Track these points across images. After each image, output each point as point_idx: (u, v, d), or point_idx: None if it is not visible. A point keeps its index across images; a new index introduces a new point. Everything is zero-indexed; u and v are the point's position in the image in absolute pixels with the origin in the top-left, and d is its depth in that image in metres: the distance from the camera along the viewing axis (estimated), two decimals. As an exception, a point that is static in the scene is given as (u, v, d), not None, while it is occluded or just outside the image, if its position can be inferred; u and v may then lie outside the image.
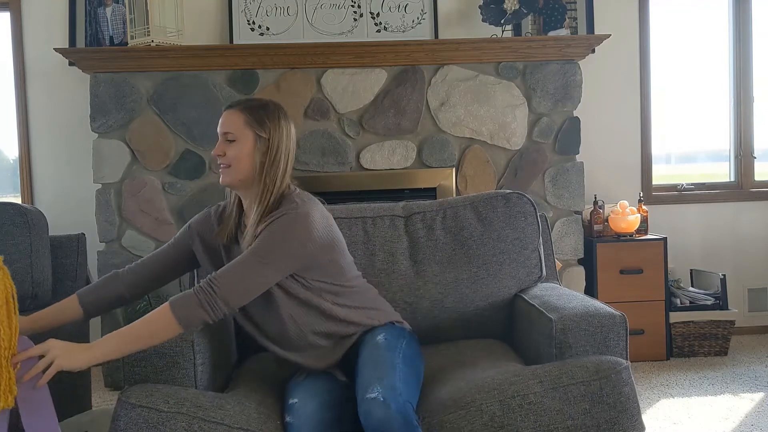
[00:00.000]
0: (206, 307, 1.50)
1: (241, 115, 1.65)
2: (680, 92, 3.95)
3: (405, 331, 1.73)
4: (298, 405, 1.51)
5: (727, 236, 3.90)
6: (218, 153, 1.65)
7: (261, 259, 1.55)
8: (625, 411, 1.47)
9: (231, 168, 1.64)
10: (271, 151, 1.65)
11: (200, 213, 1.83)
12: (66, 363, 1.42)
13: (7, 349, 1.35)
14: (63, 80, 3.55)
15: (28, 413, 1.37)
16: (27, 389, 1.37)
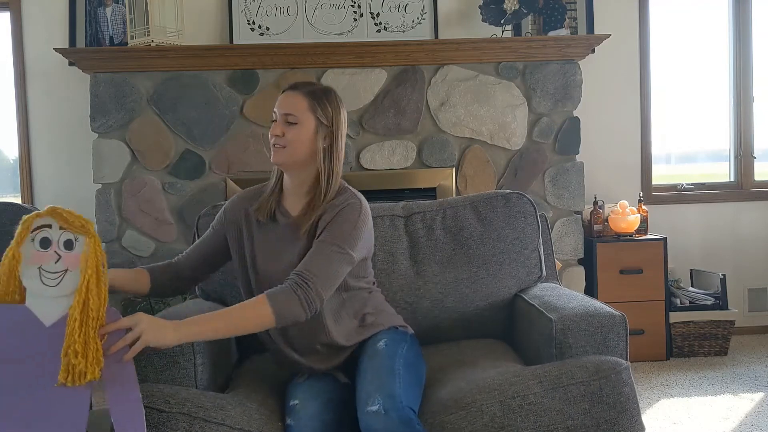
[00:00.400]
0: (304, 305, 1.49)
1: (305, 99, 1.64)
2: (680, 92, 3.95)
3: (407, 335, 1.72)
4: (299, 407, 1.50)
5: (727, 236, 3.90)
6: (276, 133, 1.63)
7: (341, 249, 1.57)
8: (625, 411, 1.47)
9: (286, 149, 1.63)
10: (333, 138, 1.67)
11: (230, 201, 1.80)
12: (153, 339, 1.36)
13: (96, 320, 1.29)
14: (63, 80, 3.55)
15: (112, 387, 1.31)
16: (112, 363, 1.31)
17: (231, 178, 3.38)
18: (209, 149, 3.37)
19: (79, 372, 1.26)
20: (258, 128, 3.38)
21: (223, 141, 3.37)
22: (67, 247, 1.31)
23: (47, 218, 1.32)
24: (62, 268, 1.30)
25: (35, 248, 1.31)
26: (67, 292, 1.29)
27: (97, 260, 1.31)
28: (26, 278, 1.30)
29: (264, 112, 3.37)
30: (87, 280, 1.28)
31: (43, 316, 1.29)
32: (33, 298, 1.29)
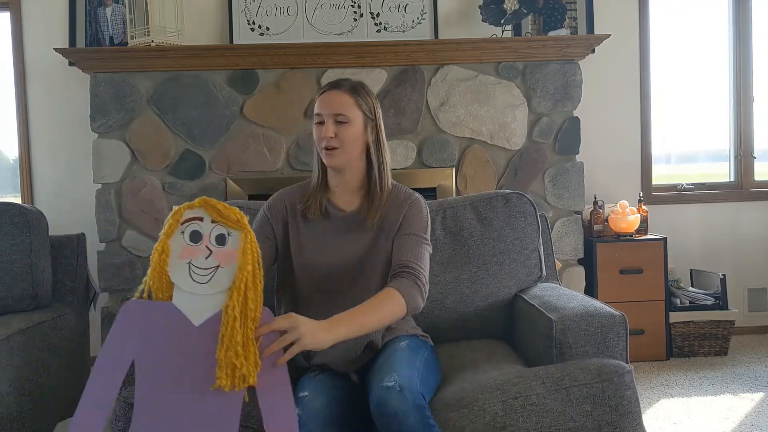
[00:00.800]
0: (423, 295, 1.57)
1: (350, 96, 1.67)
2: (680, 92, 3.95)
3: (427, 344, 1.74)
4: (308, 398, 1.50)
5: (727, 236, 3.90)
6: (330, 134, 1.64)
7: (427, 242, 1.66)
8: (627, 414, 1.47)
9: (341, 150, 1.65)
10: (378, 129, 1.71)
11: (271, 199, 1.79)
12: (311, 342, 1.28)
13: (254, 320, 1.20)
14: (63, 80, 3.55)
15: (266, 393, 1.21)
16: (267, 367, 1.22)
17: (231, 178, 3.38)
18: (209, 149, 3.37)
19: (241, 375, 1.18)
20: (258, 128, 3.38)
21: (223, 141, 3.37)
22: (219, 242, 1.23)
23: (199, 210, 1.24)
24: (213, 264, 1.22)
25: (185, 242, 1.23)
26: (217, 290, 1.22)
27: (254, 257, 1.23)
28: (174, 273, 1.22)
29: (264, 112, 3.37)
30: (245, 277, 1.20)
31: (192, 314, 1.21)
32: (181, 294, 1.22)
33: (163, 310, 1.21)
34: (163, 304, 1.22)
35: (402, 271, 1.56)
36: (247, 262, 1.22)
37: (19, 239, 2.17)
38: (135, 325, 1.20)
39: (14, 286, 2.15)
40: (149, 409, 1.19)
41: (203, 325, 1.21)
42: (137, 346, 1.20)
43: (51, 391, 2.16)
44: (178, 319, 1.20)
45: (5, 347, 1.93)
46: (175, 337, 1.20)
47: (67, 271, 2.36)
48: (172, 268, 1.22)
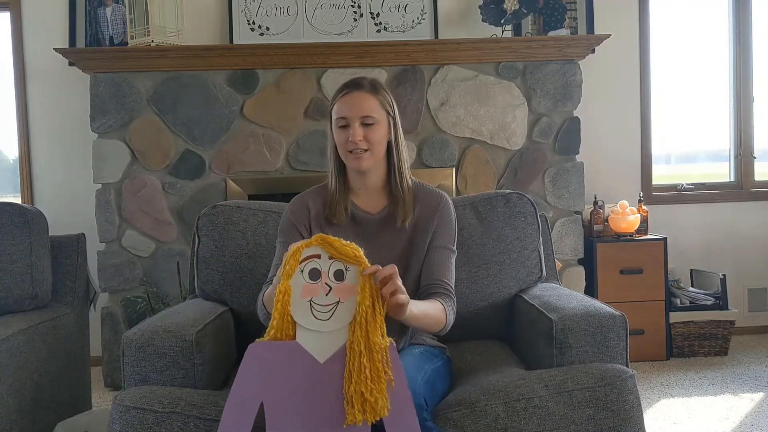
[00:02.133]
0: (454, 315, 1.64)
1: (374, 97, 1.63)
2: (680, 92, 3.95)
3: (443, 355, 1.74)
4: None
5: (727, 236, 3.90)
6: (359, 138, 1.60)
7: (454, 252, 1.72)
8: (629, 419, 1.47)
9: (370, 152, 1.63)
10: (397, 128, 1.69)
11: (291, 205, 1.75)
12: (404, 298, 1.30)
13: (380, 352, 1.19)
14: (63, 80, 3.54)
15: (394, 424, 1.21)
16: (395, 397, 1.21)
17: (231, 178, 3.38)
18: (209, 149, 3.37)
19: (372, 408, 1.18)
20: (258, 128, 3.38)
21: (223, 141, 3.37)
22: (337, 278, 1.24)
23: (316, 248, 1.25)
24: (334, 300, 1.23)
25: (305, 280, 1.24)
26: (339, 325, 1.22)
27: (373, 291, 1.23)
28: (297, 312, 1.23)
29: (264, 112, 3.37)
30: (365, 311, 1.21)
31: (316, 352, 1.22)
32: (304, 333, 1.23)
33: (287, 349, 1.22)
34: (288, 344, 1.23)
35: (441, 292, 1.62)
36: (366, 296, 1.23)
37: (19, 239, 2.17)
38: (261, 367, 1.22)
39: (14, 286, 2.15)
40: None
41: (328, 362, 1.22)
42: (264, 387, 1.21)
43: (51, 391, 2.16)
44: (303, 358, 1.22)
45: (5, 347, 1.93)
46: (301, 375, 1.21)
47: (67, 271, 2.36)
48: (294, 308, 1.23)
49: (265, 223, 2.04)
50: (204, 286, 2.02)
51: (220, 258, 1.99)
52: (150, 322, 1.70)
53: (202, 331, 1.68)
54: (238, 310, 1.99)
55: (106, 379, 3.26)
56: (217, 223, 2.02)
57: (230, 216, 2.03)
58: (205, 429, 1.41)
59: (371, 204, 1.71)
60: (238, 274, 1.99)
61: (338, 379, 1.20)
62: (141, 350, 1.59)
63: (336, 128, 1.65)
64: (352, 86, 1.65)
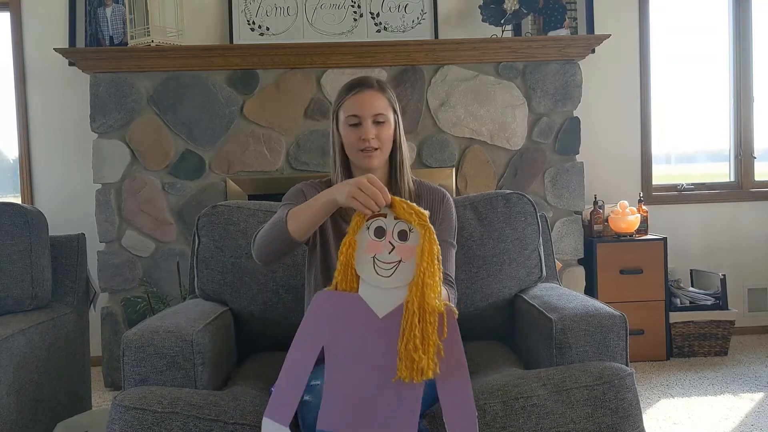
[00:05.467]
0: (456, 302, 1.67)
1: (384, 96, 1.66)
2: (680, 92, 3.95)
3: None
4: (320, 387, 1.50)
5: (727, 236, 3.90)
6: (371, 136, 1.61)
7: (454, 245, 1.74)
8: (628, 417, 1.47)
9: (380, 150, 1.64)
10: (401, 128, 1.71)
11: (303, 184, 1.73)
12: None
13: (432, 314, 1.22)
14: (63, 80, 3.55)
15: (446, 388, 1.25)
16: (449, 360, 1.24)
17: (231, 178, 3.38)
18: (209, 149, 3.37)
19: (419, 368, 1.21)
20: (258, 128, 3.38)
21: (223, 141, 3.37)
22: (401, 238, 1.28)
23: (383, 208, 1.31)
24: (396, 258, 1.27)
25: (370, 237, 1.29)
26: (400, 283, 1.26)
27: (432, 253, 1.26)
28: (360, 267, 1.28)
29: (264, 112, 3.37)
30: (423, 272, 1.24)
31: (376, 306, 1.26)
32: (366, 287, 1.28)
33: (350, 301, 1.27)
34: (351, 296, 1.28)
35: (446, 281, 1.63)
36: (425, 258, 1.26)
37: (19, 239, 2.17)
38: (325, 313, 1.27)
39: (14, 286, 2.15)
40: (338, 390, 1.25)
41: (386, 317, 1.26)
42: (327, 333, 1.27)
43: (51, 391, 2.16)
44: (364, 310, 1.27)
45: (5, 347, 1.93)
46: (360, 326, 1.26)
47: (67, 271, 2.36)
48: (358, 261, 1.28)
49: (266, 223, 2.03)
50: (204, 286, 2.02)
51: (220, 258, 1.99)
52: (150, 322, 1.70)
53: (202, 331, 1.68)
54: (238, 310, 1.99)
55: (106, 379, 3.26)
56: (217, 223, 2.02)
57: (230, 216, 2.03)
58: (205, 429, 1.41)
59: None
60: (238, 274, 1.99)
61: (394, 335, 1.24)
62: (141, 350, 1.59)
63: (346, 126, 1.65)
64: (363, 85, 1.65)
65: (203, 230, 2.02)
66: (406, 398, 1.23)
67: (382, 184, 1.33)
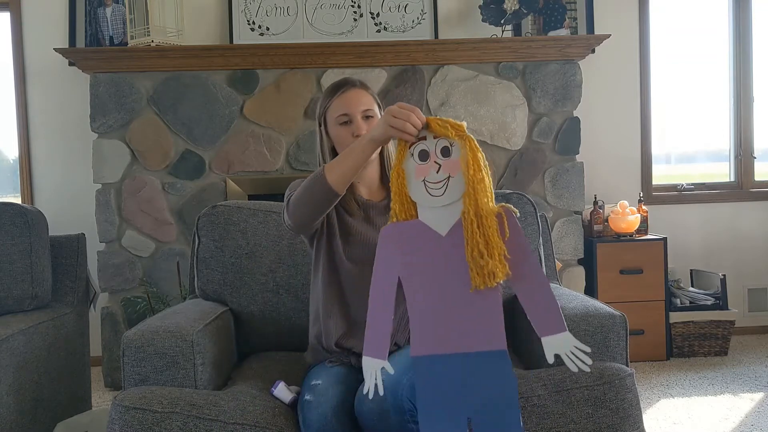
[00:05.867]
0: None
1: (367, 92, 1.72)
2: (680, 92, 3.95)
3: None
4: (321, 386, 1.50)
5: (727, 236, 3.89)
6: (364, 131, 1.66)
7: None
8: (628, 417, 1.47)
9: None
10: None
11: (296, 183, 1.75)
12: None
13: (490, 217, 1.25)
14: (63, 80, 3.54)
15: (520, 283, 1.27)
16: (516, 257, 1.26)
17: (231, 178, 3.38)
18: (209, 149, 3.37)
19: (489, 272, 1.24)
20: (258, 128, 3.38)
21: (223, 141, 3.37)
22: (444, 155, 1.31)
23: (421, 131, 1.34)
24: (444, 176, 1.30)
25: (416, 162, 1.32)
26: (454, 198, 1.29)
27: (476, 160, 1.29)
28: (414, 193, 1.32)
29: (264, 112, 3.37)
30: (471, 180, 1.27)
31: (438, 226, 1.30)
32: (424, 210, 1.31)
33: (412, 227, 1.32)
34: (412, 222, 1.32)
35: None
36: (470, 166, 1.28)
37: (19, 239, 2.17)
38: (393, 245, 1.32)
39: (14, 286, 2.15)
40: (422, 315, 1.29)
41: (450, 234, 1.29)
42: (399, 264, 1.31)
43: (51, 391, 2.16)
44: (428, 233, 1.30)
45: (5, 347, 1.93)
46: (428, 248, 1.30)
47: (67, 271, 2.36)
48: (410, 189, 1.32)
49: (265, 223, 2.04)
50: (204, 286, 2.02)
51: (220, 258, 1.99)
52: (150, 323, 1.70)
53: (202, 331, 1.68)
54: (238, 310, 1.99)
55: (106, 379, 3.26)
56: (217, 223, 2.02)
57: (230, 216, 2.03)
58: (205, 429, 1.41)
59: (372, 194, 1.76)
60: (238, 274, 1.99)
61: (461, 249, 1.27)
62: (141, 350, 1.59)
63: (336, 126, 1.69)
64: (347, 84, 1.71)
65: (203, 230, 2.02)
66: (488, 308, 1.27)
67: (411, 105, 1.35)
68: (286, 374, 1.74)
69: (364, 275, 1.61)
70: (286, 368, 1.82)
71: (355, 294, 1.68)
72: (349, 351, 1.66)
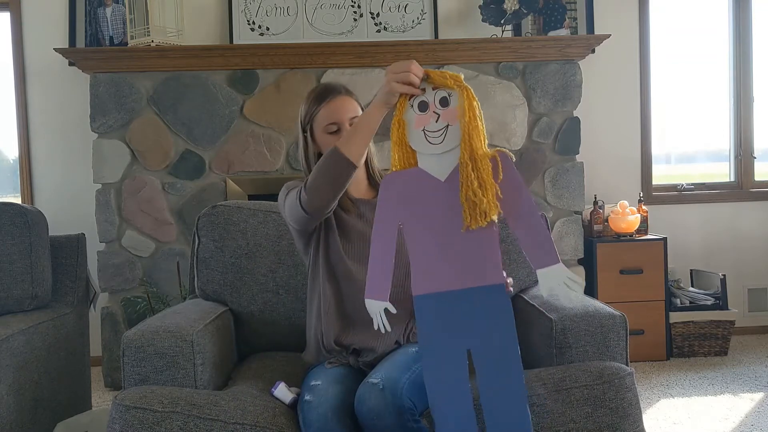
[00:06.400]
0: None
1: (352, 98, 1.75)
2: (680, 92, 3.95)
3: None
4: (321, 387, 1.51)
5: (727, 236, 3.90)
6: None
7: None
8: (627, 416, 1.47)
9: None
10: None
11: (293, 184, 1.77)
12: None
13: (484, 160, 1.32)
14: (63, 80, 3.54)
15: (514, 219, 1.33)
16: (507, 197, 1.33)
17: (231, 178, 3.38)
18: (209, 149, 3.37)
19: (481, 211, 1.30)
20: (258, 128, 3.38)
21: (223, 141, 3.37)
22: (442, 104, 1.38)
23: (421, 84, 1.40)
24: (443, 125, 1.37)
25: (416, 112, 1.39)
26: (452, 145, 1.35)
27: (472, 108, 1.35)
28: (414, 142, 1.38)
29: (264, 112, 3.37)
30: (467, 126, 1.33)
31: (437, 172, 1.36)
32: (424, 158, 1.37)
33: (413, 174, 1.38)
34: (412, 170, 1.39)
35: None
36: (466, 114, 1.35)
37: (19, 239, 2.17)
38: (394, 192, 1.39)
39: (14, 286, 2.15)
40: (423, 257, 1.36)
41: (449, 179, 1.36)
42: (401, 209, 1.38)
43: (51, 391, 2.16)
44: (428, 179, 1.37)
45: (5, 347, 1.93)
46: (428, 193, 1.37)
47: (67, 271, 2.36)
48: (410, 138, 1.39)
49: (265, 223, 2.04)
50: (204, 286, 2.02)
51: (220, 258, 2.00)
52: (150, 323, 1.70)
53: (202, 331, 1.68)
54: (238, 310, 1.99)
55: (106, 379, 3.26)
56: (217, 223, 2.02)
57: (230, 216, 2.03)
58: (205, 428, 1.41)
59: (362, 194, 1.80)
60: (238, 274, 1.99)
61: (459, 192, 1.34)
62: (141, 350, 1.59)
63: (324, 135, 1.72)
64: (333, 92, 1.73)
65: (203, 230, 2.02)
66: (485, 245, 1.33)
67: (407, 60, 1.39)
68: (286, 374, 1.74)
69: (361, 272, 1.63)
70: (285, 368, 1.82)
71: (353, 290, 1.68)
72: (347, 348, 1.66)
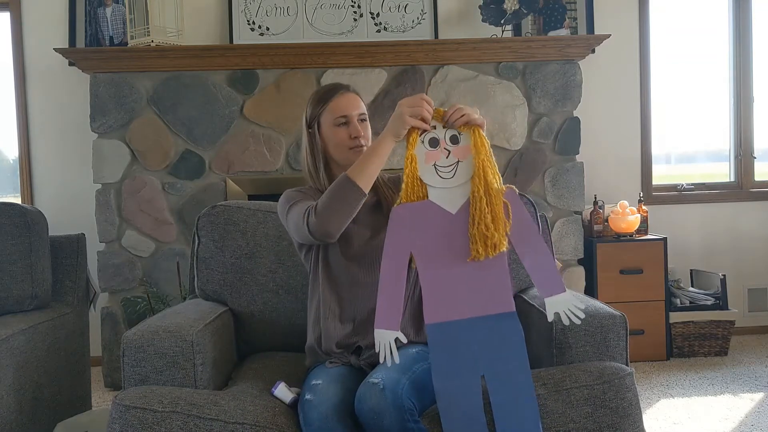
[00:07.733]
0: None
1: (358, 97, 1.78)
2: (680, 92, 3.95)
3: None
4: (322, 386, 1.51)
5: (727, 236, 3.90)
6: (362, 133, 1.73)
7: None
8: (627, 416, 1.47)
9: (365, 146, 1.73)
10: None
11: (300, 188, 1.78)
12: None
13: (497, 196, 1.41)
14: (63, 80, 3.54)
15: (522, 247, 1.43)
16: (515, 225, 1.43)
17: (231, 178, 3.38)
18: (209, 149, 3.37)
19: (493, 244, 1.39)
20: (258, 128, 3.38)
21: (223, 141, 3.37)
22: (453, 142, 1.48)
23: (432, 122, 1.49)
24: (454, 161, 1.47)
25: (426, 149, 1.48)
26: (462, 180, 1.45)
27: (485, 147, 1.46)
28: (425, 176, 1.46)
29: (264, 112, 3.37)
30: (482, 162, 1.44)
31: (448, 205, 1.45)
32: (434, 191, 1.46)
33: (424, 207, 1.46)
34: (423, 203, 1.46)
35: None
36: (479, 152, 1.45)
37: (19, 239, 2.17)
38: (405, 224, 1.45)
39: (14, 286, 2.15)
40: (434, 287, 1.42)
41: (459, 211, 1.44)
42: (411, 239, 1.44)
43: (51, 391, 2.16)
44: (438, 211, 1.45)
45: (5, 347, 1.93)
46: (438, 225, 1.44)
47: (67, 271, 2.36)
48: (422, 172, 1.47)
49: (265, 223, 2.04)
50: (204, 286, 2.02)
51: (220, 258, 2.00)
52: (150, 323, 1.70)
53: (202, 331, 1.68)
54: (238, 310, 1.99)
55: (106, 379, 3.26)
56: (217, 223, 2.02)
57: (230, 216, 2.03)
58: (205, 429, 1.41)
59: None
60: (238, 274, 1.99)
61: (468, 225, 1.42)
62: (141, 350, 1.59)
63: (333, 128, 1.74)
64: (342, 89, 1.77)
65: (203, 230, 2.02)
66: (495, 275, 1.41)
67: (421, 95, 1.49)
68: (286, 374, 1.74)
69: (361, 272, 1.63)
70: (286, 368, 1.82)
71: (353, 292, 1.68)
72: (351, 347, 1.66)
